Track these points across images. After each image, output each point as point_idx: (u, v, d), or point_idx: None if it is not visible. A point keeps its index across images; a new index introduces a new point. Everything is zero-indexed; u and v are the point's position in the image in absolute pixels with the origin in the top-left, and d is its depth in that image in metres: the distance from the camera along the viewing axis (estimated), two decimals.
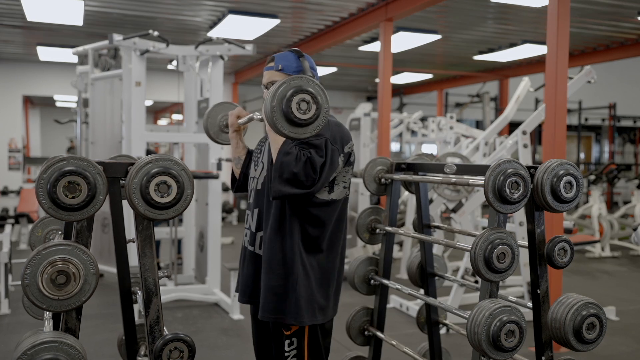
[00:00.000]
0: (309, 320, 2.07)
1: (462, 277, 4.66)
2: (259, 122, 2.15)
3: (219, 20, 7.32)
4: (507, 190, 1.94)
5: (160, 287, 1.92)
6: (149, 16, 7.34)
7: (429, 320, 2.69)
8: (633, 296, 5.84)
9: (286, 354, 2.07)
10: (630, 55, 8.85)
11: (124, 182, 1.83)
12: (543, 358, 2.18)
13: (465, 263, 4.75)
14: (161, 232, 5.83)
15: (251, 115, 2.15)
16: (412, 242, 6.48)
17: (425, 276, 2.70)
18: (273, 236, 2.06)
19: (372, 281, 2.71)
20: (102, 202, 1.70)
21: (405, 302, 5.02)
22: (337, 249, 2.16)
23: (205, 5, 6.82)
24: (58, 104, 15.00)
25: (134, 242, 1.94)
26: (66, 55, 9.11)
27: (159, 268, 5.63)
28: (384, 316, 2.73)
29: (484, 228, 2.32)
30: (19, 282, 1.64)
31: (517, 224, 4.65)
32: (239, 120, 2.23)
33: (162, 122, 18.44)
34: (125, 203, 1.86)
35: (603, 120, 14.19)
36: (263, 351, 2.23)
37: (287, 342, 2.07)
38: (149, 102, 13.04)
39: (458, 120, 8.32)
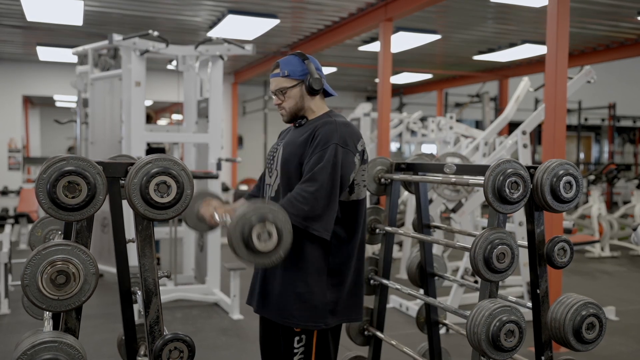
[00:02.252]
0: (334, 321, 2.08)
1: (462, 277, 4.66)
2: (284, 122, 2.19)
3: (219, 20, 7.32)
4: (507, 190, 1.94)
5: (160, 287, 1.92)
6: (148, 16, 7.34)
7: (429, 320, 2.69)
8: (633, 296, 5.84)
9: (295, 351, 2.07)
10: (630, 55, 8.86)
11: (123, 182, 1.83)
12: (543, 358, 2.18)
13: (465, 263, 4.75)
14: (161, 232, 5.83)
15: (225, 220, 2.06)
16: (411, 242, 6.48)
17: (425, 276, 2.70)
18: (293, 242, 2.05)
19: (371, 281, 2.72)
20: (101, 202, 1.70)
21: (405, 302, 5.02)
22: (359, 246, 2.15)
23: (204, 5, 6.82)
24: (58, 104, 15.00)
25: (133, 242, 1.94)
26: (66, 55, 9.11)
27: (158, 263, 5.62)
28: (383, 316, 2.73)
29: (483, 228, 2.32)
30: (19, 282, 1.64)
31: (516, 224, 4.65)
32: (215, 222, 2.14)
33: (162, 122, 18.44)
34: (125, 203, 1.86)
35: (603, 120, 14.19)
36: (270, 349, 2.23)
37: (296, 339, 2.07)
38: (148, 102, 13.04)
39: (458, 120, 8.31)
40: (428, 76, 12.16)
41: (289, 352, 2.08)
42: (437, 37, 8.17)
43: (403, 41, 8.16)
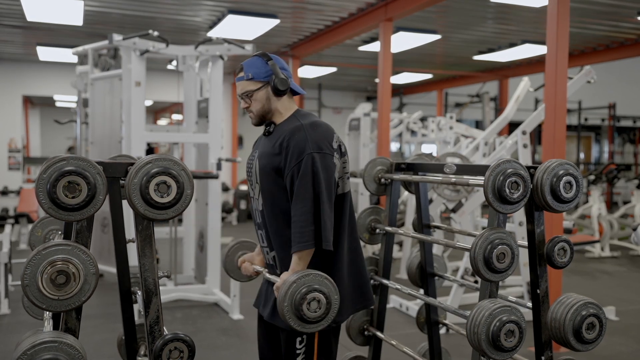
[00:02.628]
0: (345, 315, 2.09)
1: (462, 277, 4.66)
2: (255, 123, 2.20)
3: (219, 20, 7.32)
4: (507, 190, 1.94)
5: (160, 287, 1.92)
6: (148, 16, 7.34)
7: (429, 320, 2.69)
8: (633, 296, 5.84)
9: (297, 352, 2.07)
10: (630, 55, 8.86)
11: (123, 182, 1.83)
12: (543, 358, 2.18)
13: (465, 263, 4.75)
14: (161, 232, 5.83)
15: (262, 271, 2.20)
16: (412, 242, 6.48)
17: (425, 276, 2.70)
18: (287, 252, 2.03)
19: (372, 281, 2.71)
20: (101, 202, 1.70)
21: (405, 302, 5.02)
22: (351, 238, 2.14)
23: (204, 5, 6.82)
24: (58, 104, 15.01)
25: (133, 242, 1.94)
26: (66, 55, 9.11)
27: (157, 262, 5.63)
28: (383, 316, 2.73)
29: (483, 228, 2.32)
30: (19, 282, 1.64)
31: (516, 224, 4.65)
32: (255, 271, 2.27)
33: (162, 122, 18.45)
34: (125, 203, 1.86)
35: (603, 120, 14.20)
36: (268, 350, 2.22)
37: (298, 339, 2.06)
38: (148, 102, 13.04)
39: (458, 120, 8.32)
40: (428, 76, 12.16)
41: (290, 353, 2.08)
42: (437, 37, 8.17)
43: (403, 41, 8.16)
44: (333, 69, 11.13)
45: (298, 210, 1.97)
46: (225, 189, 11.42)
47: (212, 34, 7.67)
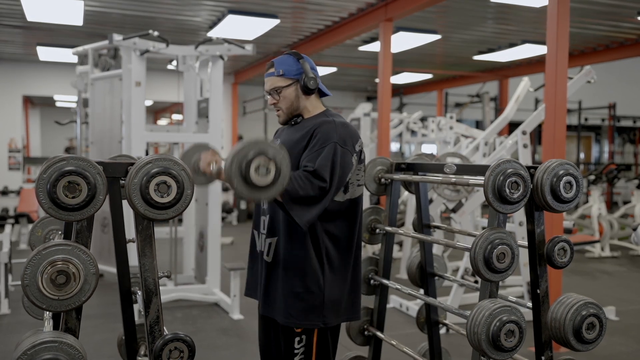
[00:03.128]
0: (335, 320, 2.10)
1: (462, 277, 4.66)
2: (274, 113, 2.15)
3: (219, 20, 7.32)
4: (507, 190, 1.94)
5: (160, 287, 1.92)
6: (148, 16, 7.34)
7: (429, 320, 2.70)
8: (633, 296, 5.84)
9: (295, 351, 2.07)
10: (630, 56, 8.86)
11: (123, 182, 1.83)
12: (543, 358, 2.18)
13: (465, 263, 4.75)
14: (161, 232, 5.83)
15: (221, 166, 2.02)
16: (412, 242, 6.48)
17: (425, 276, 2.70)
18: (290, 241, 2.05)
19: (372, 281, 2.72)
20: (102, 202, 1.70)
21: (405, 302, 5.02)
22: (356, 245, 2.15)
23: (205, 5, 6.82)
24: (58, 104, 15.01)
25: (133, 242, 1.94)
26: (66, 55, 9.11)
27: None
28: (383, 316, 2.73)
29: (483, 228, 2.32)
30: (19, 282, 1.64)
31: (517, 223, 4.65)
32: (211, 170, 2.06)
33: (162, 122, 18.45)
34: (125, 203, 1.86)
35: (603, 120, 14.20)
36: (269, 350, 2.23)
37: (297, 339, 2.07)
38: (148, 102, 13.04)
39: (458, 120, 8.31)
40: (428, 76, 12.16)
41: (289, 352, 2.09)
42: (437, 37, 8.17)
43: (403, 41, 8.16)
44: (333, 69, 11.14)
45: (307, 174, 1.96)
46: (225, 189, 11.42)
47: (212, 34, 7.68)
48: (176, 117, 15.69)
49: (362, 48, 9.08)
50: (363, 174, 2.17)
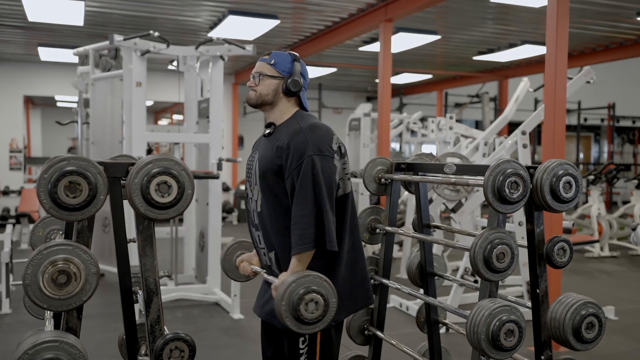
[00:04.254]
0: (343, 315, 2.10)
1: (462, 277, 4.66)
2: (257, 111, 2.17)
3: (219, 20, 7.33)
4: (507, 190, 1.94)
5: (161, 287, 1.93)
6: (149, 17, 7.35)
7: (429, 319, 2.70)
8: (632, 296, 5.84)
9: (300, 352, 2.07)
10: (629, 56, 8.86)
11: (124, 182, 1.83)
12: (542, 357, 2.19)
13: (464, 263, 4.75)
14: (162, 232, 5.84)
15: (261, 271, 2.16)
16: (411, 242, 6.48)
17: (424, 276, 2.71)
18: (287, 250, 2.03)
19: (372, 281, 2.72)
20: (102, 202, 1.70)
21: (405, 302, 5.02)
22: (354, 238, 2.14)
23: (205, 5, 6.83)
24: (59, 104, 15.01)
25: (134, 241, 1.95)
26: (67, 55, 9.11)
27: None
28: (383, 316, 2.74)
29: (483, 228, 2.32)
30: (20, 282, 1.64)
31: (516, 223, 4.65)
32: (253, 271, 2.21)
33: (163, 122, 18.45)
34: (126, 203, 1.87)
35: (602, 120, 14.20)
36: (271, 350, 2.23)
37: (301, 339, 2.06)
38: (149, 103, 13.05)
39: (457, 121, 8.31)
40: (428, 76, 12.16)
41: (294, 353, 2.08)
42: (437, 37, 8.18)
43: (403, 41, 8.17)
44: (333, 70, 11.14)
45: (299, 212, 1.97)
46: (225, 189, 11.43)
47: (213, 34, 7.68)
48: (177, 117, 15.68)
49: (362, 48, 9.09)
50: (348, 166, 2.15)
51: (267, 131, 2.18)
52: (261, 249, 2.16)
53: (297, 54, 2.17)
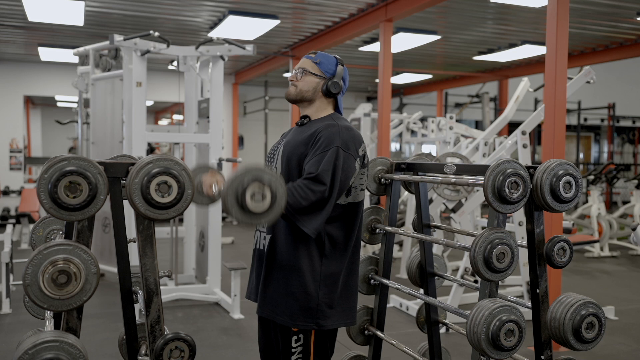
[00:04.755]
0: (329, 324, 2.09)
1: (462, 277, 4.66)
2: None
3: (220, 20, 7.33)
4: (507, 190, 1.94)
5: (161, 287, 1.93)
6: (149, 17, 7.35)
7: (429, 319, 2.70)
8: (632, 296, 5.84)
9: (293, 350, 2.08)
10: (629, 56, 8.86)
11: (124, 182, 1.83)
12: (542, 357, 2.19)
13: (464, 263, 4.75)
14: (162, 232, 5.84)
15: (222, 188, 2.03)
16: (411, 242, 6.49)
17: (424, 276, 2.71)
18: (290, 241, 2.06)
19: (372, 281, 2.72)
20: (102, 202, 1.70)
21: (405, 302, 5.02)
22: (355, 249, 2.16)
23: (205, 5, 6.83)
24: (59, 104, 15.03)
25: (134, 241, 1.95)
26: (67, 55, 9.12)
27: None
28: (383, 315, 2.74)
29: (483, 228, 2.32)
30: (20, 282, 1.64)
31: (516, 223, 4.65)
32: (214, 192, 2.05)
33: (163, 122, 18.46)
34: (126, 203, 1.87)
35: (602, 120, 14.20)
36: (270, 350, 2.24)
37: (294, 338, 2.08)
38: (149, 102, 13.05)
39: (458, 121, 8.31)
40: (428, 76, 12.17)
41: (287, 352, 2.09)
42: (437, 37, 8.18)
43: (403, 41, 8.17)
44: None
45: (307, 183, 1.97)
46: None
47: (213, 34, 7.68)
48: (177, 117, 15.69)
49: (362, 48, 9.09)
50: (366, 178, 2.19)
51: (302, 120, 2.22)
52: (262, 232, 2.18)
53: (342, 59, 2.23)
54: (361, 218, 2.19)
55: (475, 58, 9.88)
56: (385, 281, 2.68)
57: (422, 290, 2.77)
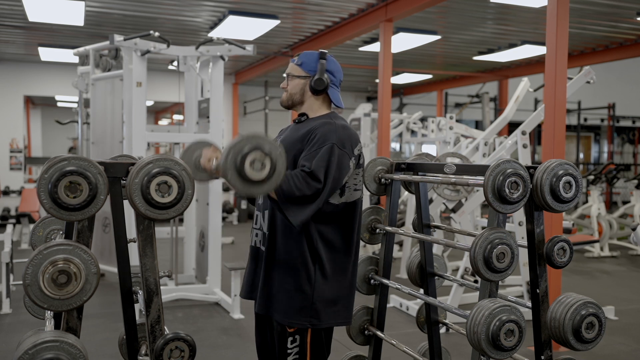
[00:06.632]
0: (324, 323, 2.09)
1: (462, 277, 4.66)
2: (285, 111, 2.17)
3: (220, 20, 7.33)
4: (507, 190, 1.95)
5: (161, 287, 1.93)
6: (149, 17, 7.35)
7: (429, 319, 2.70)
8: (632, 296, 5.84)
9: (289, 351, 2.08)
10: (629, 56, 8.86)
11: (125, 182, 1.84)
12: (542, 357, 2.19)
13: (464, 263, 4.75)
14: (162, 232, 5.84)
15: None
16: (412, 242, 6.49)
17: (425, 276, 2.71)
18: (286, 239, 2.07)
19: (372, 281, 2.72)
20: (103, 202, 1.70)
21: (405, 302, 5.02)
22: (351, 250, 2.16)
23: (205, 5, 6.83)
24: (59, 104, 15.03)
25: (134, 241, 1.95)
26: (67, 55, 9.12)
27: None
28: (384, 315, 2.74)
29: (483, 228, 2.32)
30: (21, 282, 1.64)
31: (516, 223, 4.65)
32: (212, 166, 2.04)
33: (163, 122, 18.46)
34: (126, 203, 1.87)
35: (602, 120, 14.20)
36: (266, 349, 2.24)
37: (290, 339, 2.08)
38: (149, 103, 13.05)
39: (458, 121, 8.31)
40: (428, 76, 12.17)
41: (283, 352, 2.09)
42: (437, 37, 8.18)
43: (403, 42, 8.17)
44: None
45: (304, 175, 1.97)
46: (226, 189, 11.43)
47: (213, 34, 7.68)
48: (177, 117, 15.69)
49: (362, 48, 9.09)
50: (361, 178, 2.18)
51: (299, 118, 2.22)
52: (258, 229, 2.19)
53: (325, 52, 2.21)
54: (359, 219, 2.18)
55: (475, 58, 9.88)
56: (385, 281, 2.68)
57: (422, 290, 2.77)
